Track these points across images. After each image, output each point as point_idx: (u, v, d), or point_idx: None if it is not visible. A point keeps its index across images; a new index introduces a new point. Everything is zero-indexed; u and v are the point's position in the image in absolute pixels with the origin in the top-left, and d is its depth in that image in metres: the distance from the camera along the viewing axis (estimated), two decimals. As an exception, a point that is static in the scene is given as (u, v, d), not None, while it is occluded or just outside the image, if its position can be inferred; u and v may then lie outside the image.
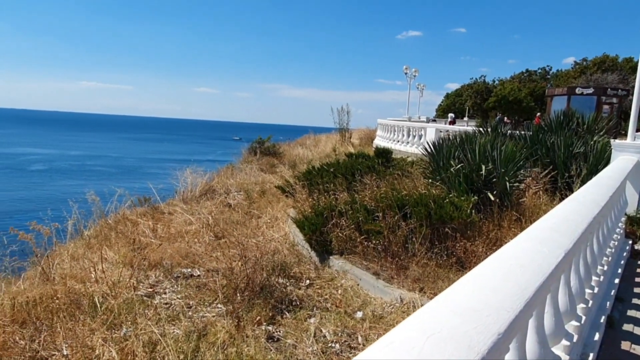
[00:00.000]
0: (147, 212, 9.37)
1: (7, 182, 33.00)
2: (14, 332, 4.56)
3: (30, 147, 64.02)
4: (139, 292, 5.65)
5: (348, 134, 21.81)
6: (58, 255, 6.72)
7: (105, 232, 7.91)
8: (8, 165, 42.37)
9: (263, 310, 4.96)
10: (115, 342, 4.19)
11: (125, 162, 51.08)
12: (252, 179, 13.57)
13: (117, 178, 35.02)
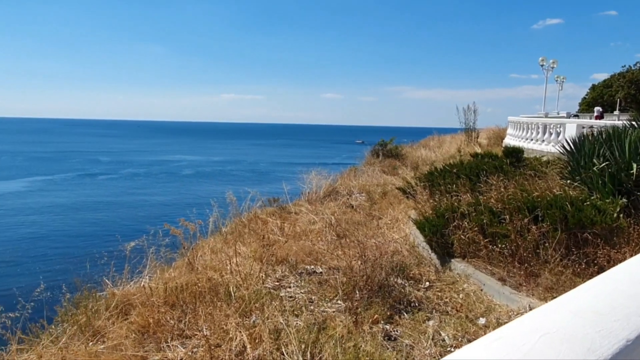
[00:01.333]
0: (275, 211, 10.06)
1: (164, 185, 38.02)
2: (166, 312, 5.28)
3: (182, 154, 72.81)
4: (267, 285, 6.12)
5: (475, 133, 20.75)
6: (201, 248, 7.56)
7: (240, 229, 8.69)
8: (164, 170, 48.83)
9: (381, 309, 5.01)
10: (246, 328, 4.60)
11: (259, 167, 55.24)
12: (374, 180, 13.69)
13: (251, 181, 38.06)
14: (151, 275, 6.24)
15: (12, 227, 21.51)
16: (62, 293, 5.32)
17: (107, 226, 21.77)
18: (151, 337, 4.89)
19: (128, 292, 5.60)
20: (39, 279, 5.04)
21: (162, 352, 4.56)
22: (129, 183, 38.33)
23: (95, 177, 42.09)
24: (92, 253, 6.68)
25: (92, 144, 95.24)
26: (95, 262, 6.06)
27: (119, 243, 5.98)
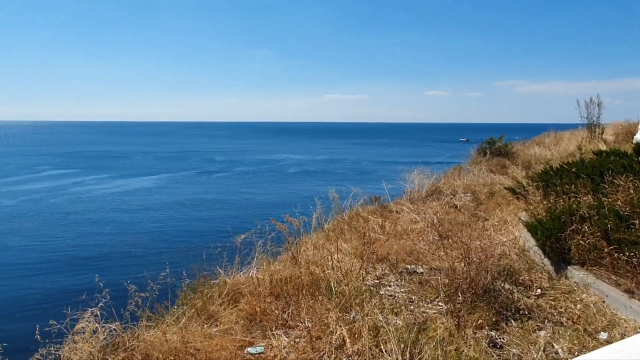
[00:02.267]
0: (376, 210, 10.07)
1: (271, 182, 40.03)
2: (271, 303, 5.59)
3: (287, 153, 75.94)
4: (367, 282, 6.17)
5: (599, 129, 18.67)
6: (304, 243, 7.86)
7: (341, 227, 8.86)
8: (271, 169, 51.37)
9: (485, 314, 4.78)
10: (346, 323, 4.70)
11: (360, 166, 55.54)
12: (480, 180, 13.03)
13: (353, 179, 38.39)
14: (258, 267, 6.64)
15: (142, 220, 24.27)
16: (182, 279, 5.91)
17: (221, 220, 23.55)
18: (258, 325, 5.22)
19: (238, 282, 6.03)
20: (164, 265, 5.64)
21: (267, 340, 4.85)
22: (240, 180, 40.99)
23: (211, 174, 45.69)
24: (207, 244, 7.31)
25: (207, 144, 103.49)
26: (210, 252, 6.61)
27: (230, 236, 6.46)
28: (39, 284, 14.30)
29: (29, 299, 13.02)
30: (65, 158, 64.54)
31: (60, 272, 15.32)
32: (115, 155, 71.53)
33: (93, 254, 17.53)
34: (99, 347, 4.05)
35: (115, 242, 19.21)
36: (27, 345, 4.12)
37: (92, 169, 49.81)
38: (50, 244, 19.09)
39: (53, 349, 4.05)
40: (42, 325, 4.19)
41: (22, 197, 31.30)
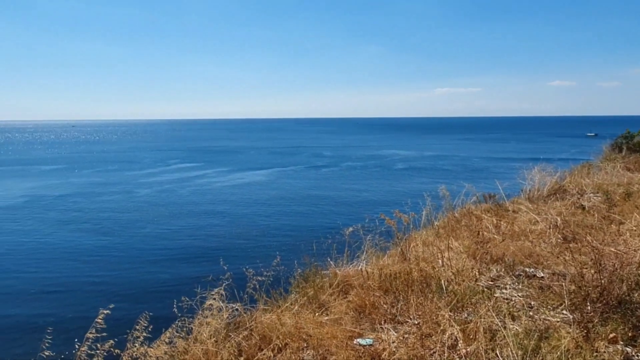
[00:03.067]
0: (491, 208, 9.55)
1: (378, 177, 39.99)
2: (380, 297, 5.62)
3: (394, 149, 75.18)
4: (480, 283, 5.89)
5: None
6: (413, 240, 7.75)
7: (452, 224, 8.56)
8: (378, 164, 51.28)
9: (620, 327, 4.29)
10: (458, 323, 4.56)
11: (471, 162, 52.90)
12: (615, 179, 11.65)
13: (463, 176, 36.72)
14: (367, 260, 6.71)
15: (257, 211, 25.87)
16: (294, 268, 6.21)
17: (329, 213, 24.19)
18: (366, 317, 5.29)
19: (347, 274, 6.16)
20: (278, 255, 5.98)
21: (376, 333, 4.89)
22: (348, 175, 41.59)
23: (319, 169, 47.04)
24: (317, 236, 7.57)
25: (316, 140, 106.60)
26: (320, 244, 6.84)
27: (340, 229, 6.62)
28: (170, 266, 16.03)
29: (163, 279, 14.67)
30: (190, 153, 71.20)
31: (187, 256, 16.99)
32: (233, 150, 77.10)
33: (213, 241, 19.15)
34: (223, 324, 4.44)
35: (233, 230, 20.77)
36: (167, 316, 4.67)
37: (213, 163, 54.27)
38: (179, 231, 21.24)
39: (187, 322, 4.54)
40: (177, 301, 4.73)
41: (156, 187, 35.25)
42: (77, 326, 9.22)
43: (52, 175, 43.86)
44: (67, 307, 11.84)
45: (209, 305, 4.59)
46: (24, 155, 69.08)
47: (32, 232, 21.02)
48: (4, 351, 9.76)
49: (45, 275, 14.97)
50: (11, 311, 12.28)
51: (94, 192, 33.03)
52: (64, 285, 13.98)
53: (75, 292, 13.38)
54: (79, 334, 4.16)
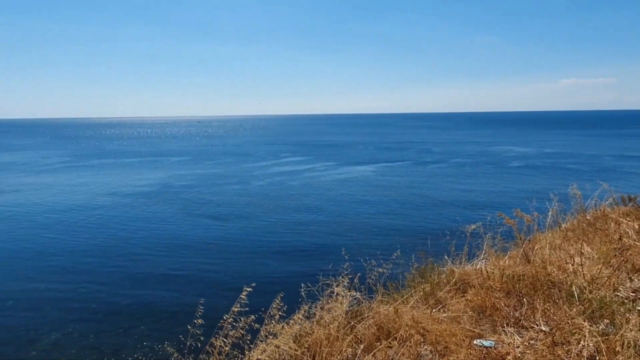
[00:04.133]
0: (630, 211, 8.53)
1: (491, 175, 37.82)
2: (501, 299, 5.37)
3: (509, 145, 70.36)
4: (619, 294, 5.33)
5: None
6: (537, 241, 7.24)
7: (583, 227, 7.83)
8: (490, 161, 48.45)
9: None
10: (592, 335, 4.19)
11: (600, 161, 47.45)
12: None
13: (589, 176, 33.17)
14: (486, 259, 6.44)
15: (368, 203, 26.12)
16: (410, 263, 6.19)
17: (442, 210, 23.52)
18: (487, 318, 5.09)
19: (466, 272, 5.97)
20: (393, 248, 6.01)
21: (498, 335, 4.70)
22: (457, 172, 39.98)
23: (427, 165, 45.88)
24: (432, 232, 7.44)
25: (424, 136, 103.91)
26: (436, 239, 6.72)
27: (459, 225, 6.42)
28: (290, 255, 16.92)
29: (287, 265, 15.56)
30: (299, 147, 73.97)
31: (305, 246, 17.77)
32: (340, 144, 78.42)
33: (327, 232, 19.75)
34: (344, 311, 4.62)
35: (346, 223, 21.22)
36: (295, 300, 4.98)
37: (321, 157, 55.80)
38: (294, 221, 22.26)
39: (313, 307, 4.80)
40: (305, 286, 5.02)
41: (269, 179, 37.28)
42: (222, 303, 10.30)
43: (179, 166, 48.65)
44: (212, 286, 13.30)
45: (330, 292, 4.80)
46: (156, 148, 77.49)
47: (164, 218, 23.57)
48: (163, 319, 11.22)
49: (185, 260, 16.74)
50: (163, 288, 13.97)
51: (214, 182, 35.98)
52: (203, 268, 15.55)
53: (214, 274, 14.84)
54: (226, 309, 4.63)
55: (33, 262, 16.23)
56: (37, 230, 20.67)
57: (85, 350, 10.23)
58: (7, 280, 14.54)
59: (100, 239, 19.08)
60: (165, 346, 9.31)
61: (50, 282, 14.35)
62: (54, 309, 12.38)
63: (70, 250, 17.54)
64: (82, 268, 15.49)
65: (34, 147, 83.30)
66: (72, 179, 38.22)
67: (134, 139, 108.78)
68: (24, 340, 10.81)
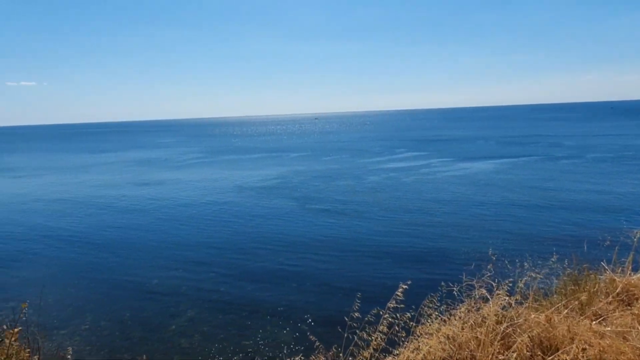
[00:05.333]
0: None
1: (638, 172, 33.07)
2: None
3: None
4: None
5: None
6: None
7: None
8: (637, 156, 42.39)
9: None
10: None
11: None
12: None
13: None
14: (656, 270, 5.60)
15: (497, 201, 24.62)
16: (560, 268, 5.62)
17: (590, 211, 21.21)
18: (662, 337, 4.41)
19: (630, 282, 5.25)
20: (550, 250, 5.50)
21: (679, 358, 4.04)
22: (594, 169, 35.70)
23: (557, 160, 41.72)
24: (589, 235, 6.68)
25: (555, 128, 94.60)
26: (594, 243, 6.01)
27: (625, 230, 5.67)
28: (420, 249, 16.70)
29: (427, 260, 15.41)
30: (415, 142, 72.42)
31: (432, 243, 17.39)
32: (458, 139, 75.04)
33: (457, 229, 19.05)
34: (493, 315, 4.34)
35: (476, 220, 20.25)
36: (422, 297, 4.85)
37: (438, 152, 53.97)
38: (415, 219, 21.88)
39: (450, 307, 4.62)
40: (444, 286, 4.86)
41: (383, 174, 37.10)
42: (378, 295, 10.65)
43: (298, 161, 50.77)
44: (370, 278, 13.73)
45: (475, 294, 4.55)
46: (277, 144, 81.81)
47: (284, 212, 24.74)
48: (324, 306, 11.92)
49: (306, 256, 17.44)
50: (324, 275, 14.76)
51: (330, 176, 36.86)
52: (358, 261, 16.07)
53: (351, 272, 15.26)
54: (380, 302, 4.67)
55: (169, 251, 18.17)
56: (172, 223, 23.07)
57: (217, 330, 11.21)
58: (150, 266, 16.49)
59: (226, 233, 20.63)
60: (310, 336, 9.75)
61: (180, 270, 15.96)
62: (189, 291, 13.75)
63: (198, 243, 19.26)
64: (209, 260, 16.93)
65: (174, 145, 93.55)
66: (203, 174, 42.08)
67: (257, 136, 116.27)
68: (166, 314, 12.21)
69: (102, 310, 12.48)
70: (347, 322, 4.87)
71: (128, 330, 11.34)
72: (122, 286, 14.24)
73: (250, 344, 10.47)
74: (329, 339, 5.30)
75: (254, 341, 10.59)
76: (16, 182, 41.59)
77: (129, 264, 16.29)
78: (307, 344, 9.52)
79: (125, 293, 13.70)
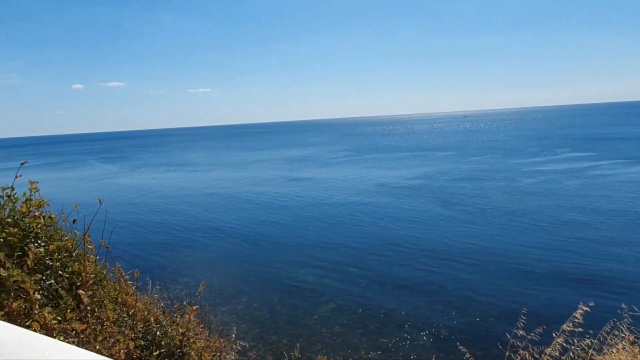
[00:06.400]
0: None
1: None
2: None
3: None
4: None
5: None
6: None
7: None
8: None
9: None
10: None
11: None
12: None
13: None
14: None
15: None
16: None
17: None
18: None
19: None
20: None
21: None
22: None
23: None
24: None
25: None
26: None
27: None
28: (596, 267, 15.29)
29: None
30: (581, 141, 64.30)
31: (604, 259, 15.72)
32: (635, 137, 64.40)
33: (632, 248, 16.86)
34: None
35: None
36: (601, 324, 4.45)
37: (609, 153, 47.15)
38: (575, 230, 19.81)
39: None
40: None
41: (540, 177, 33.88)
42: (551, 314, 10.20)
43: (444, 161, 49.32)
44: (532, 297, 12.91)
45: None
46: (424, 143, 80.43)
47: (428, 214, 24.41)
48: (474, 321, 11.99)
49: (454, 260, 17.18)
50: (484, 290, 14.82)
51: (478, 177, 35.06)
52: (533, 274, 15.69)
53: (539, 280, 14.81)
54: (549, 324, 4.54)
55: (311, 249, 19.39)
56: (316, 222, 24.49)
57: (355, 325, 11.78)
58: (295, 260, 17.85)
59: (367, 234, 21.18)
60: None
61: (320, 268, 16.93)
62: (330, 287, 14.61)
63: (339, 243, 20.16)
64: (349, 260, 17.64)
65: (323, 143, 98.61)
66: (349, 172, 43.62)
67: (403, 135, 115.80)
68: (309, 304, 13.23)
69: (254, 294, 14.09)
70: (510, 340, 4.65)
71: (276, 314, 12.64)
72: (272, 275, 15.81)
73: (389, 347, 10.73)
74: (485, 356, 5.15)
75: (393, 344, 10.82)
76: (191, 175, 48.50)
77: (277, 257, 17.91)
78: (455, 357, 9.37)
79: (274, 282, 15.20)
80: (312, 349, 10.45)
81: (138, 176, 50.29)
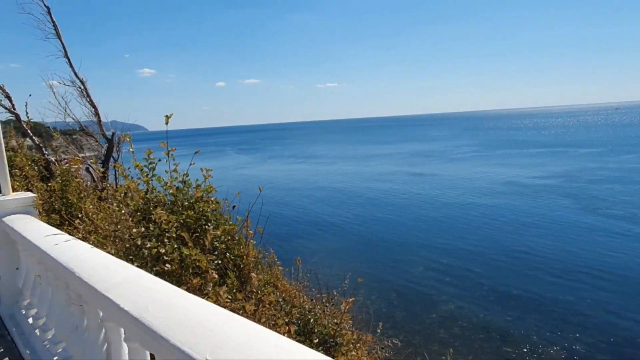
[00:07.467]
0: None
1: None
2: None
3: None
4: None
5: None
6: None
7: None
8: None
9: None
10: None
11: None
12: None
13: None
14: None
15: None
16: None
17: None
18: None
19: None
20: None
21: None
22: None
23: None
24: None
25: None
26: None
27: None
28: None
29: None
30: None
31: None
32: None
33: None
34: None
35: None
36: None
37: None
38: None
39: None
40: None
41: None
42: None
43: (587, 158, 43.96)
44: None
45: None
46: (565, 138, 72.68)
47: (563, 216, 21.99)
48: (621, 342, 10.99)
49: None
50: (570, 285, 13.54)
51: (631, 179, 30.58)
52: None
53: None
54: None
55: (427, 250, 18.71)
56: (434, 223, 23.54)
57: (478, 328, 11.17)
58: (413, 259, 17.41)
59: (491, 241, 19.55)
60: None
61: (439, 271, 16.25)
62: (449, 288, 14.04)
63: (458, 247, 19.14)
64: (471, 266, 16.68)
65: (448, 137, 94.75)
66: (475, 168, 41.12)
67: (543, 129, 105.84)
68: (428, 301, 12.93)
69: (372, 289, 13.98)
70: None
71: (393, 311, 12.58)
72: (388, 273, 15.66)
73: (513, 357, 10.10)
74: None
75: (517, 356, 10.14)
76: (315, 167, 50.08)
77: (395, 255, 17.70)
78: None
79: (391, 279, 15.00)
80: (430, 349, 10.17)
81: (268, 167, 53.65)
